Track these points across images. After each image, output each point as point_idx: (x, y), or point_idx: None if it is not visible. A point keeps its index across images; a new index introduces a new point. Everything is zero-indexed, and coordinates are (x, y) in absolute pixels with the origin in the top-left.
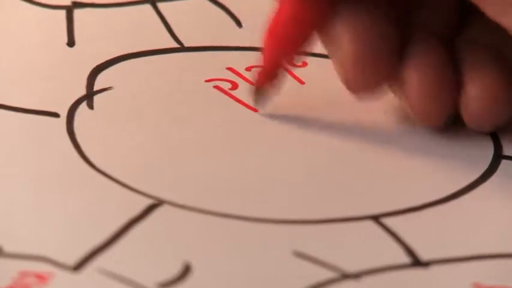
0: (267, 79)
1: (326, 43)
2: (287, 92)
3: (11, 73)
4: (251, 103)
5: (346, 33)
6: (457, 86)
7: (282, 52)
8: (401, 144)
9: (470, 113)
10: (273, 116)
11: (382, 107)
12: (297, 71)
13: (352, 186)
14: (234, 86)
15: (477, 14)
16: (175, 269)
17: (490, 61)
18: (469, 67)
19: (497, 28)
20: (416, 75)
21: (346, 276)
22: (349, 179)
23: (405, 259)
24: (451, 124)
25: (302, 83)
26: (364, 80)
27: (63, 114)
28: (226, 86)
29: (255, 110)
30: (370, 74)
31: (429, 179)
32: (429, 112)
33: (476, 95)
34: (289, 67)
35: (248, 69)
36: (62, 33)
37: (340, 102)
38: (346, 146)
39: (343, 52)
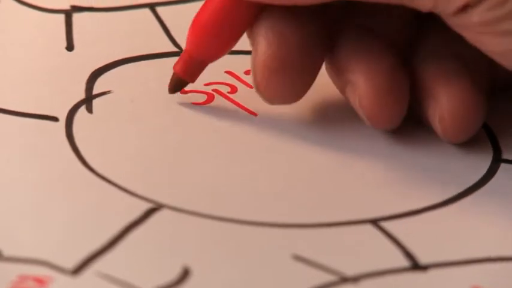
0: (186, 70)
1: (252, 46)
2: None
3: (10, 77)
4: (250, 106)
5: (261, 37)
6: (417, 94)
7: (206, 47)
8: (400, 147)
9: (446, 125)
10: (272, 120)
11: None
12: None
13: (351, 190)
14: (233, 89)
15: (435, 24)
16: (174, 273)
17: (459, 72)
18: (438, 80)
19: (457, 36)
20: (365, 80)
21: (345, 279)
22: (348, 183)
23: (404, 262)
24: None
25: None
26: (271, 84)
27: (62, 118)
28: (225, 89)
29: (254, 114)
30: (277, 80)
31: (428, 183)
32: (380, 117)
33: (451, 107)
34: (211, 61)
35: (247, 72)
36: (61, 37)
37: (340, 105)
38: (345, 149)
39: (255, 55)
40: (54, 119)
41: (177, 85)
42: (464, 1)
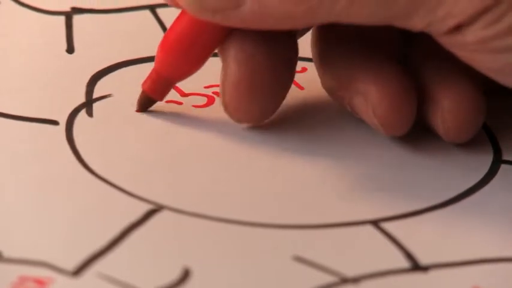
0: (154, 89)
1: (222, 66)
2: (286, 97)
3: (10, 80)
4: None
5: (231, 58)
6: (418, 96)
7: (174, 66)
8: (400, 149)
9: (449, 126)
10: (271, 121)
11: None
12: (297, 77)
13: (352, 191)
14: None
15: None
16: (174, 274)
17: (456, 72)
18: (437, 82)
19: None
20: (377, 89)
21: (345, 280)
22: (349, 184)
23: (404, 263)
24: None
25: (301, 88)
26: (240, 105)
27: (63, 121)
28: None
29: None
30: (246, 102)
31: (429, 184)
32: (394, 123)
33: (453, 107)
34: (178, 80)
35: None
36: (61, 40)
37: (339, 107)
38: (345, 151)
39: (225, 76)
40: (55, 122)
41: (146, 103)
42: (457, 21)
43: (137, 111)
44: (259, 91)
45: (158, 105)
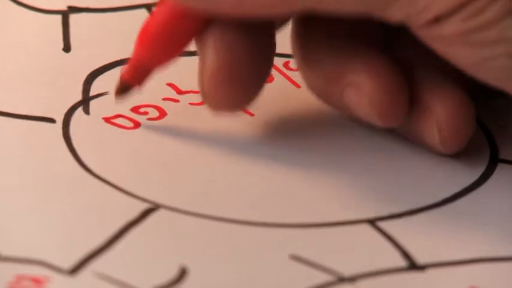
0: (132, 75)
1: (199, 55)
2: (283, 95)
3: (6, 79)
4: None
5: (210, 48)
6: (407, 84)
7: (152, 53)
8: (397, 147)
9: (445, 135)
10: (268, 119)
11: None
12: (293, 75)
13: (349, 189)
14: None
15: (400, 38)
16: (171, 273)
17: (447, 78)
18: (427, 88)
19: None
20: (370, 77)
21: (342, 279)
22: (346, 183)
23: (401, 262)
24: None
25: (298, 86)
26: (218, 94)
27: (59, 119)
28: None
29: (251, 114)
30: (224, 91)
31: (425, 183)
32: (390, 111)
33: (449, 116)
34: (158, 69)
35: None
36: (58, 39)
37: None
38: (342, 149)
39: (203, 65)
40: (51, 120)
41: (124, 89)
42: (437, 12)
43: (115, 96)
44: (237, 80)
45: (156, 103)
